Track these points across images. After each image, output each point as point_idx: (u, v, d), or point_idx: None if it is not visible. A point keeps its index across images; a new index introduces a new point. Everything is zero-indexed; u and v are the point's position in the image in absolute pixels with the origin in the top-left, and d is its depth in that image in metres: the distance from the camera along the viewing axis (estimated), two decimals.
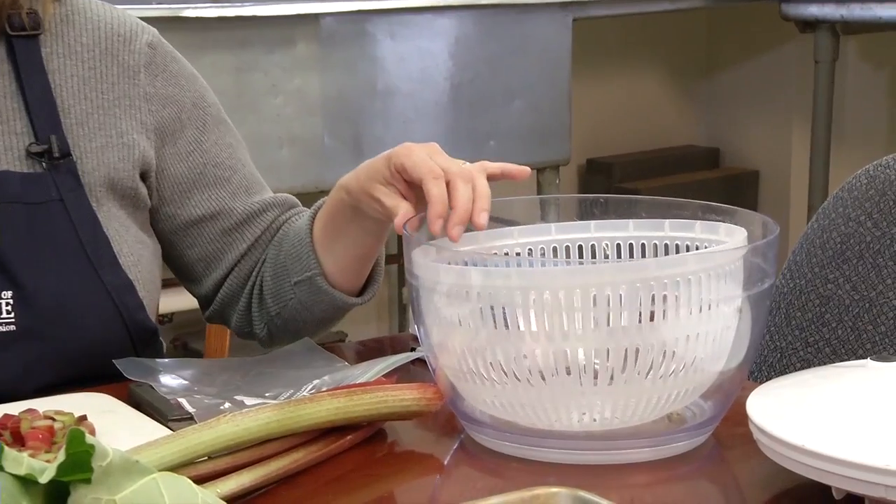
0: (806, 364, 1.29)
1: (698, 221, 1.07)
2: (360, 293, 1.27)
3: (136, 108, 1.26)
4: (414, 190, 1.09)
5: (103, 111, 1.24)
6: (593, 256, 1.10)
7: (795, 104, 3.63)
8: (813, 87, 3.32)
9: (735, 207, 1.06)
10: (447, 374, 1.00)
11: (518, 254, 1.09)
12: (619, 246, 1.09)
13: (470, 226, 1.04)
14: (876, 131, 3.58)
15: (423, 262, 1.00)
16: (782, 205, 3.67)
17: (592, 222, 1.10)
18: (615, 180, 3.62)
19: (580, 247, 1.10)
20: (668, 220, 1.08)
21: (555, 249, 1.10)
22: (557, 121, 2.98)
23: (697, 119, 3.91)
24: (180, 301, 2.46)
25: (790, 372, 1.19)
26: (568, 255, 1.10)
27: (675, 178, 3.68)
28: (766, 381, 1.01)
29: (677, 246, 1.08)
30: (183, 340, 2.94)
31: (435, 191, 1.04)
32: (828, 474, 0.84)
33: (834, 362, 1.17)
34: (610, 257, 1.09)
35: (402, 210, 1.07)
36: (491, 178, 1.08)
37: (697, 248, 1.06)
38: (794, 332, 1.31)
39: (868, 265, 1.28)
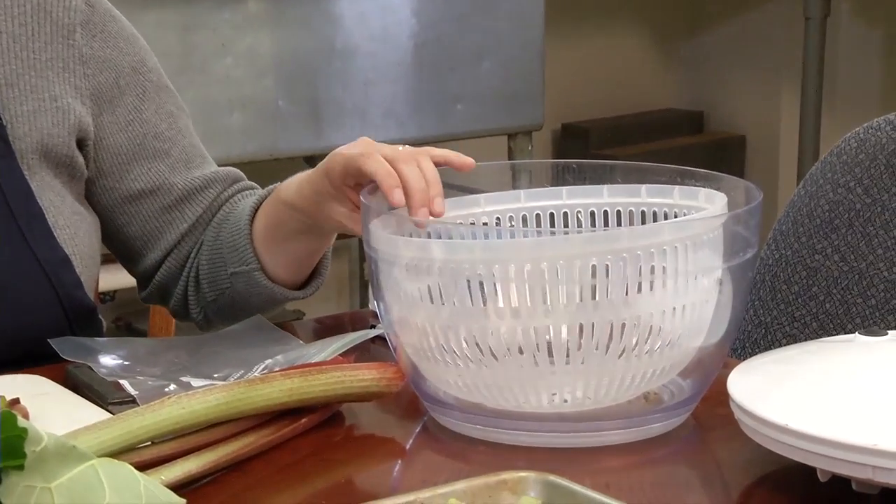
0: (792, 340, 1.30)
1: (677, 187, 1.08)
2: (305, 284, 1.28)
3: (70, 70, 1.25)
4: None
5: (35, 72, 1.23)
6: (566, 225, 1.10)
7: (784, 64, 3.64)
8: (803, 46, 3.33)
9: (716, 173, 1.07)
10: (409, 353, 1.01)
11: (485, 223, 1.09)
12: (592, 213, 1.10)
13: None
14: (869, 92, 3.60)
15: (383, 235, 1.00)
16: (771, 171, 3.69)
17: (564, 188, 1.11)
18: (592, 146, 3.63)
19: (552, 214, 1.10)
20: (644, 186, 1.09)
21: (524, 218, 1.10)
22: (530, 83, 2.98)
23: (680, 81, 3.92)
24: (123, 278, 2.44)
25: (775, 348, 1.20)
26: (539, 224, 1.10)
27: (656, 143, 3.69)
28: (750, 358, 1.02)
29: (654, 213, 1.08)
30: (126, 320, 2.93)
31: (376, 167, 1.04)
32: (813, 455, 0.85)
33: (821, 338, 1.18)
34: (583, 225, 1.10)
35: None
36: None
37: (676, 215, 1.07)
38: (779, 307, 1.32)
39: (858, 234, 1.29)
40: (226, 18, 2.56)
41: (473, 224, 1.09)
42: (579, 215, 1.10)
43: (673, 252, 0.94)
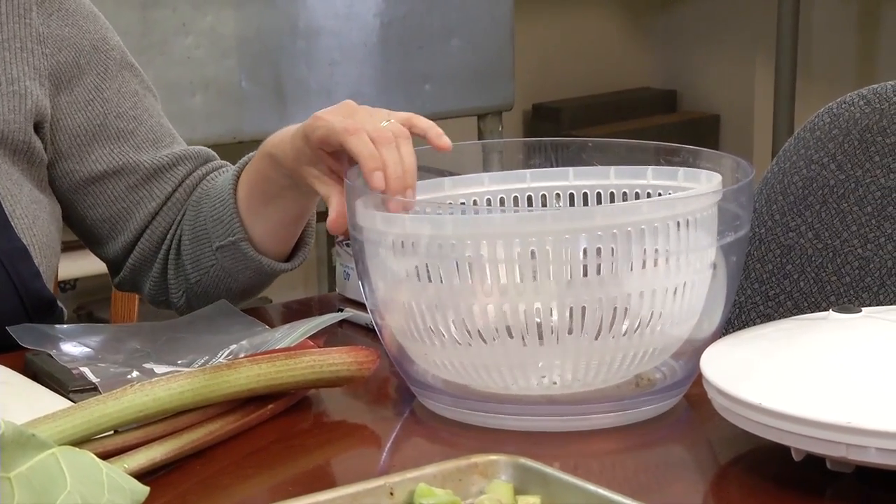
0: (766, 319, 1.31)
1: (650, 167, 1.08)
2: (290, 257, 1.27)
3: (27, 50, 1.24)
4: (341, 158, 1.10)
5: None
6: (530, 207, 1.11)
7: (759, 41, 3.66)
8: (777, 22, 3.34)
9: (701, 149, 1.07)
10: (395, 335, 1.01)
11: (475, 202, 1.10)
12: (558, 196, 1.10)
13: None
14: (845, 69, 3.62)
15: (367, 213, 1.00)
16: (745, 150, 3.70)
17: (528, 171, 1.11)
18: (564, 127, 3.63)
19: (516, 198, 1.11)
20: (613, 168, 1.09)
21: (489, 201, 1.11)
22: (499, 62, 2.98)
23: (652, 59, 3.93)
24: (85, 266, 2.43)
25: (749, 327, 1.21)
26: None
27: (629, 123, 3.70)
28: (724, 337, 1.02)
29: (625, 194, 1.09)
30: (88, 309, 2.92)
31: (358, 146, 1.04)
32: (786, 434, 0.86)
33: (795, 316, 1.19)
34: (549, 208, 1.10)
35: (334, 203, 1.08)
36: (413, 132, 1.09)
37: (649, 196, 1.07)
38: (753, 286, 1.33)
39: (832, 211, 1.30)
40: None
41: (463, 203, 1.09)
42: (544, 198, 1.10)
43: (666, 230, 0.94)
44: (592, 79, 3.80)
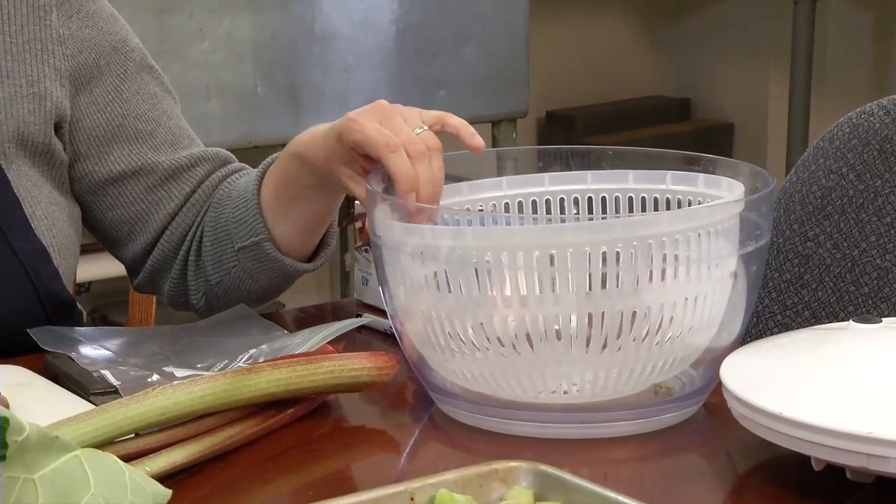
0: (784, 328, 1.31)
1: (669, 172, 1.08)
2: (311, 258, 1.28)
3: (48, 52, 1.24)
4: (374, 160, 1.10)
5: (11, 56, 1.23)
6: (548, 212, 1.11)
7: (773, 49, 3.66)
8: (792, 30, 3.34)
9: (722, 157, 1.07)
10: (414, 343, 1.01)
11: (481, 209, 1.10)
12: (576, 200, 1.11)
13: None
14: (860, 78, 3.62)
15: (388, 223, 1.01)
16: (759, 159, 3.71)
17: (546, 175, 1.11)
18: (577, 134, 3.63)
19: (534, 202, 1.11)
20: (631, 172, 1.09)
21: (507, 206, 1.11)
22: (514, 69, 2.98)
23: (666, 67, 3.93)
24: (99, 268, 2.45)
25: (768, 336, 1.21)
26: (521, 212, 1.11)
27: (643, 131, 3.70)
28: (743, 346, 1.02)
29: (643, 199, 1.09)
30: (102, 312, 2.93)
31: (398, 166, 1.05)
32: (807, 444, 0.86)
33: (813, 326, 1.19)
34: (567, 212, 1.10)
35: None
36: (445, 130, 1.09)
37: (668, 201, 1.07)
38: (770, 295, 1.33)
39: (850, 221, 1.30)
40: (203, 2, 2.56)
41: (481, 210, 1.09)
42: (563, 202, 1.11)
43: (686, 241, 0.94)
44: (606, 86, 3.80)
